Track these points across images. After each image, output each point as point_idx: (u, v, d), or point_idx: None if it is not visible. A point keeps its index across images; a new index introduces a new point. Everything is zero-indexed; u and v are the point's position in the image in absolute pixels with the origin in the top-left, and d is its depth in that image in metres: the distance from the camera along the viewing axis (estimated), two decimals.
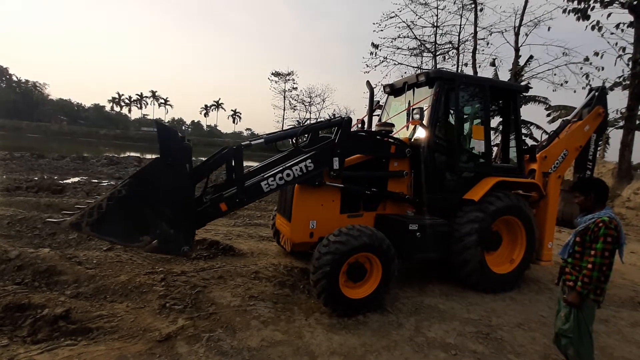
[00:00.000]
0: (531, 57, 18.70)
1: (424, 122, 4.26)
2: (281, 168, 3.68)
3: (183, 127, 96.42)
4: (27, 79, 76.50)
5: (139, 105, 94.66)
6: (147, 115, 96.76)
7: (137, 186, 2.87)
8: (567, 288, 2.61)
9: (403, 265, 4.19)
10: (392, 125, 4.70)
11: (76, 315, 3.08)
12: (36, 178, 10.74)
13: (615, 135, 20.55)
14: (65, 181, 10.85)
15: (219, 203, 3.44)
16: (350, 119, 4.05)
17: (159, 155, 2.97)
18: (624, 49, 12.36)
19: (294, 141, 3.94)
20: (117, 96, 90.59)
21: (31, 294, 3.33)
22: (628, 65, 12.22)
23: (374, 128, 5.06)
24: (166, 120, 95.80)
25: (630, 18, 11.99)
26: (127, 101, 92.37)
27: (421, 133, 4.46)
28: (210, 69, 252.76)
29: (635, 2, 11.63)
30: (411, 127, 4.58)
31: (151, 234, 2.92)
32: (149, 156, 24.48)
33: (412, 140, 4.56)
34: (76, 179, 11.83)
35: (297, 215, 3.99)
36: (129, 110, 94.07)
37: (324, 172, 3.90)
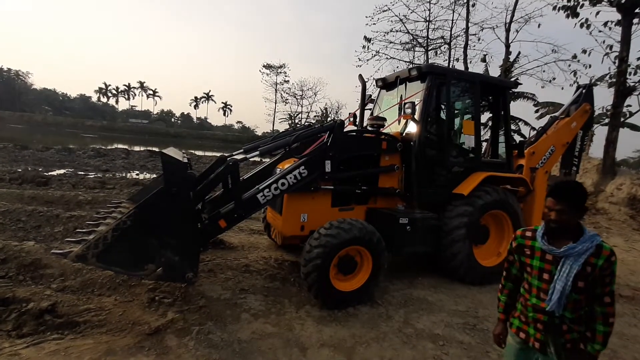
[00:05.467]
0: (519, 53, 18.91)
1: (416, 116, 4.28)
2: (276, 178, 3.66)
3: (172, 119, 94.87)
4: (9, 67, 74.05)
5: (126, 96, 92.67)
6: (135, 106, 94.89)
7: (141, 216, 2.88)
8: (564, 353, 1.72)
9: (393, 258, 4.23)
10: (384, 119, 4.71)
11: (62, 309, 3.03)
12: (20, 170, 10.47)
13: (600, 132, 21.03)
14: (50, 173, 10.60)
15: (218, 220, 3.40)
16: (342, 123, 4.03)
17: (163, 185, 2.97)
18: (611, 47, 12.55)
19: (287, 148, 3.93)
20: (103, 87, 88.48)
21: (16, 288, 3.26)
22: (615, 63, 12.45)
23: (365, 122, 5.06)
24: (155, 112, 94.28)
25: (618, 16, 12.16)
26: (114, 92, 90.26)
27: (412, 127, 4.48)
28: (200, 60, 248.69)
29: (622, 1, 11.81)
30: (403, 121, 4.60)
31: (156, 262, 2.94)
32: (137, 148, 24.03)
33: (404, 134, 4.58)
34: (62, 171, 11.57)
35: (288, 209, 3.98)
36: (116, 102, 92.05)
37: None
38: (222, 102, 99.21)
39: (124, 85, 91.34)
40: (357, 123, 5.29)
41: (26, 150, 15.91)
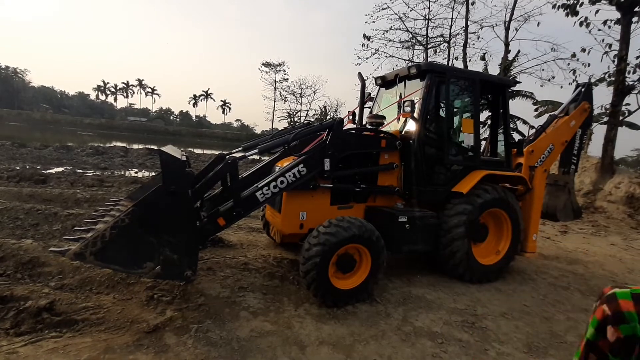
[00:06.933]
0: (518, 52, 18.95)
1: (415, 114, 4.27)
2: (275, 176, 3.65)
3: (171, 117, 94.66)
4: (7, 65, 73.75)
5: (125, 94, 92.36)
6: (133, 104, 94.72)
7: (140, 214, 2.87)
8: None
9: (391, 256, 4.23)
10: (383, 117, 4.70)
11: (61, 307, 3.02)
12: (18, 167, 10.43)
13: (599, 131, 21.08)
14: (48, 171, 10.56)
15: (217, 218, 3.39)
16: (341, 121, 4.02)
17: (161, 183, 2.96)
18: (610, 45, 12.57)
19: (285, 146, 3.92)
20: (102, 84, 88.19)
21: (14, 286, 3.25)
22: (614, 61, 12.45)
23: (365, 120, 5.06)
24: (153, 110, 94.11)
25: (617, 15, 12.17)
26: (112, 90, 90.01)
27: (412, 126, 4.47)
28: (200, 58, 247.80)
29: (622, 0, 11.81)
30: (402, 119, 4.59)
31: (154, 261, 2.92)
32: (135, 146, 23.97)
33: (403, 132, 4.57)
34: (60, 169, 11.53)
35: (287, 207, 3.98)
36: (115, 99, 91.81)
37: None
38: (221, 100, 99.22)
39: (123, 83, 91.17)
40: (356, 121, 5.28)
41: (24, 148, 15.86)
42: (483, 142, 5.37)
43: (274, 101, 52.40)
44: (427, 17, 19.83)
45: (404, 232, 4.14)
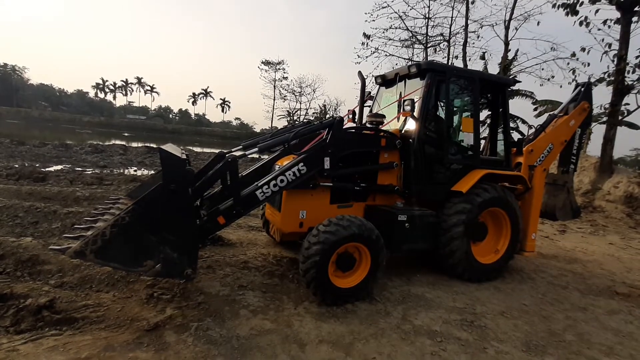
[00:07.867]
0: (517, 51, 18.96)
1: (415, 113, 4.27)
2: (275, 174, 3.64)
3: (170, 116, 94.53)
4: (5, 63, 73.52)
5: (124, 92, 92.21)
6: (132, 102, 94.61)
7: (140, 212, 2.87)
8: None
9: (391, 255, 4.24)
10: (383, 116, 4.70)
11: (61, 305, 3.03)
12: (17, 165, 10.42)
13: (598, 130, 21.12)
14: (47, 169, 10.55)
15: (217, 217, 3.39)
16: (341, 119, 4.02)
17: (161, 182, 2.95)
18: (609, 45, 12.57)
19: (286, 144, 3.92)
20: (101, 82, 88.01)
21: (14, 284, 3.26)
22: (613, 61, 12.46)
23: (364, 119, 5.06)
24: (152, 108, 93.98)
25: (617, 14, 12.18)
26: (111, 88, 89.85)
27: (411, 125, 4.47)
28: (199, 56, 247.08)
29: None
30: (402, 118, 4.59)
31: (154, 259, 2.92)
32: (134, 144, 23.94)
33: (403, 131, 4.58)
34: (59, 167, 11.52)
35: (287, 205, 3.98)
36: (114, 97, 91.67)
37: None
38: (221, 99, 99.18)
39: (122, 81, 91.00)
40: (356, 120, 5.28)
41: (23, 145, 15.84)
42: (483, 141, 5.37)
43: (274, 100, 52.25)
44: (427, 15, 19.83)
45: (404, 231, 4.14)
